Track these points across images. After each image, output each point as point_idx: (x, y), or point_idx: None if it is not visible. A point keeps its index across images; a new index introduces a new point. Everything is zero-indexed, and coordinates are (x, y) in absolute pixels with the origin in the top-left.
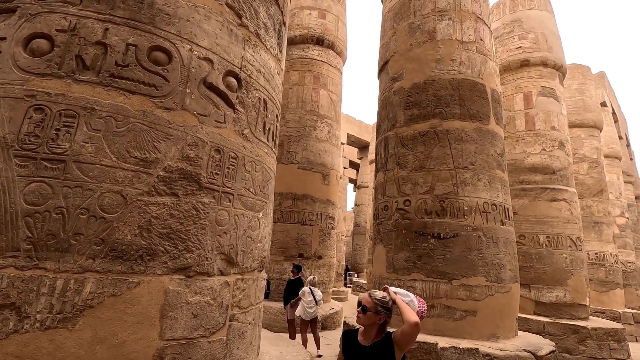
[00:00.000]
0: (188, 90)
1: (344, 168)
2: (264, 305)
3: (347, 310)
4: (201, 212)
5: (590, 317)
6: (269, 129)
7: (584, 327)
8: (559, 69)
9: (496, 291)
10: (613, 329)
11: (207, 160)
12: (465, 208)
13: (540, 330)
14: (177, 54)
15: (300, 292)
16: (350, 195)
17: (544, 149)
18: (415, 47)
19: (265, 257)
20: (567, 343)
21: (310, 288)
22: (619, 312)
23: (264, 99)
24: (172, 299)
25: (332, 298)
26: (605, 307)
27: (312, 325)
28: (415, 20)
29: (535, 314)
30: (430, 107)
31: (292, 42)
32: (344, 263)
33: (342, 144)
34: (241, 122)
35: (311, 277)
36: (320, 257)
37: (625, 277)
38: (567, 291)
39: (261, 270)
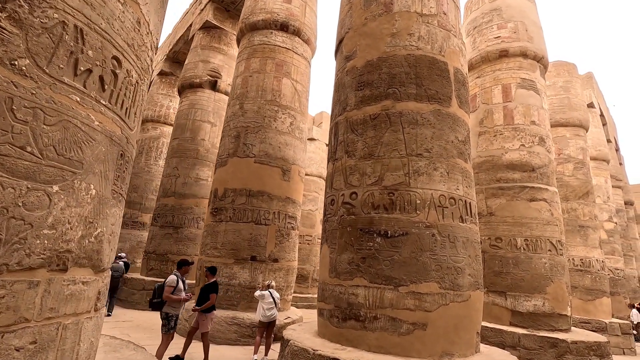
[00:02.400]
0: None
1: None
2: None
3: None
4: None
5: (573, 328)
6: (90, 70)
7: (563, 340)
8: (540, 61)
9: (451, 300)
10: (595, 342)
11: None
12: (418, 201)
13: (515, 343)
14: None
15: (257, 295)
16: None
17: (523, 145)
18: (370, 21)
19: (69, 250)
20: (544, 358)
21: (269, 291)
22: (605, 323)
23: (77, 27)
24: None
25: (305, 306)
26: (591, 317)
27: (269, 330)
28: None
29: (511, 324)
30: (383, 86)
31: (254, 27)
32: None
33: (327, 145)
34: (10, 46)
35: (269, 281)
36: (276, 261)
37: (613, 285)
38: (546, 300)
39: (62, 270)
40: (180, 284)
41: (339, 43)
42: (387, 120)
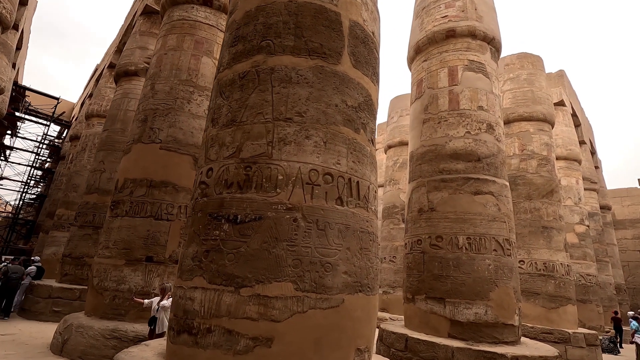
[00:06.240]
0: None
1: None
2: (78, 325)
3: None
4: None
5: (525, 340)
6: None
7: (502, 355)
8: (491, 42)
9: (312, 306)
10: (541, 357)
11: None
12: (280, 177)
13: (447, 358)
14: None
15: (165, 304)
16: None
17: (468, 132)
18: None
19: None
20: None
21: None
22: (569, 333)
23: None
24: None
25: None
26: (555, 326)
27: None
28: None
29: (450, 336)
30: (257, 39)
31: (175, 1)
32: None
33: None
34: None
35: (168, 283)
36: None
37: (585, 292)
38: (488, 307)
39: None
40: None
41: None
42: (255, 78)
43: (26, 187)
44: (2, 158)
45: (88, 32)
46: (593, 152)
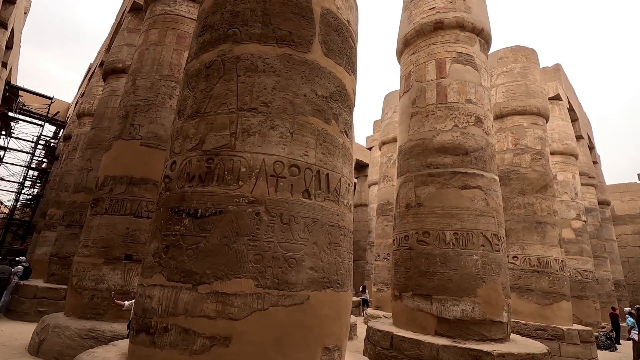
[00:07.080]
0: None
1: None
2: (55, 325)
3: None
4: None
5: (516, 337)
6: None
7: (488, 353)
8: (480, 34)
9: (273, 303)
10: (528, 354)
11: None
12: (243, 169)
13: (433, 356)
14: None
15: None
16: None
17: (456, 125)
18: None
19: None
20: None
21: None
22: (563, 330)
23: None
24: None
25: None
26: (549, 323)
27: None
28: None
29: (437, 333)
30: (224, 27)
31: None
32: None
33: None
34: None
35: None
36: None
37: (582, 289)
38: (476, 304)
39: None
40: None
41: None
42: (221, 67)
43: (22, 187)
44: None
45: (94, 33)
46: (591, 147)
